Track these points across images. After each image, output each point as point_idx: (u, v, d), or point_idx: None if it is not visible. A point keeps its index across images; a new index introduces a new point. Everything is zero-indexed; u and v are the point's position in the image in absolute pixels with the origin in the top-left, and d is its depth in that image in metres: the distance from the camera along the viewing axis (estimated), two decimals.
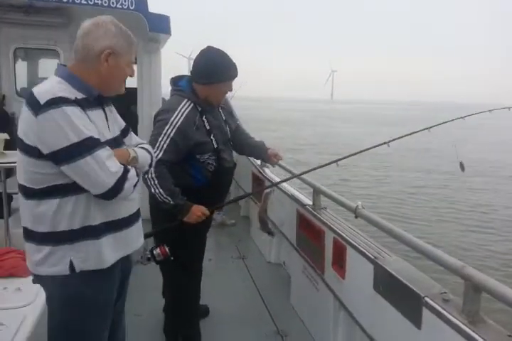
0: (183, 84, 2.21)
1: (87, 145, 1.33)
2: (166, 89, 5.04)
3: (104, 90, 1.47)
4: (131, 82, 5.76)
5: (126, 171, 1.41)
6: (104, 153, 1.37)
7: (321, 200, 2.68)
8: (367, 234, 2.18)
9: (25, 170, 1.38)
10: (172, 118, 2.08)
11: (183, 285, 2.30)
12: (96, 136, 1.36)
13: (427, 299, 1.53)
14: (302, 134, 22.40)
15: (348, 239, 2.14)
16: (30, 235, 1.43)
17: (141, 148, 1.59)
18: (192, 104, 2.14)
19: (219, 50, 2.16)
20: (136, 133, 4.81)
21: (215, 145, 2.19)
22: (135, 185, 1.45)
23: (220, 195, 2.39)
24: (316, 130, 25.10)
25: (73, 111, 1.32)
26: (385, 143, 2.59)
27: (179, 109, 2.11)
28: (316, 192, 2.67)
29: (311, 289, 2.64)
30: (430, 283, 1.65)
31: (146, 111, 4.64)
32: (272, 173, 3.78)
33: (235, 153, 2.50)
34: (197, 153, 2.16)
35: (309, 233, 2.68)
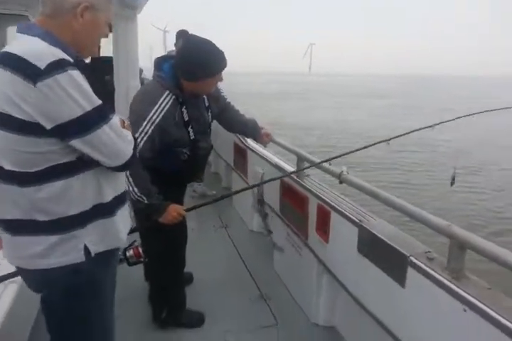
0: (166, 69, 2.02)
1: (102, 113, 1.18)
2: (141, 62, 4.91)
3: (77, 51, 1.28)
4: (106, 52, 5.55)
5: (134, 138, 1.32)
6: (116, 120, 1.24)
7: (304, 166, 2.68)
8: (351, 198, 2.20)
9: (13, 151, 1.15)
10: (151, 115, 1.92)
11: (168, 249, 2.28)
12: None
13: (411, 258, 1.57)
14: (280, 108, 22.24)
15: (333, 204, 2.16)
16: (22, 227, 1.23)
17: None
18: (173, 97, 1.98)
19: (202, 40, 1.95)
20: (112, 103, 4.67)
21: (192, 137, 2.10)
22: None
23: (191, 176, 2.36)
24: (292, 104, 24.95)
25: (79, 76, 1.14)
26: (384, 140, 2.54)
27: (159, 103, 1.95)
28: (300, 159, 2.67)
29: (295, 255, 2.69)
30: (415, 244, 1.69)
31: (122, 81, 4.48)
32: (253, 142, 3.75)
33: (215, 122, 2.44)
34: (172, 147, 2.06)
35: (293, 200, 2.69)
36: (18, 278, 1.99)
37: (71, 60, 1.14)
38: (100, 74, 5.05)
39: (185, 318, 2.39)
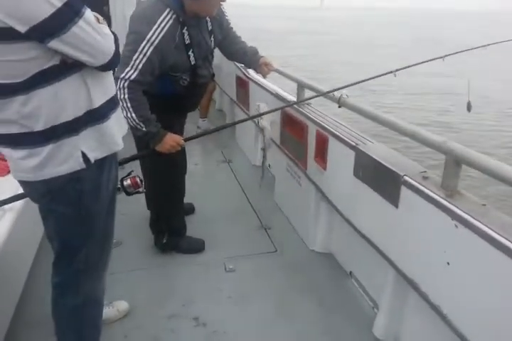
0: None
1: (74, 7, 1.09)
2: None
3: None
4: None
5: (112, 32, 1.24)
6: (90, 13, 1.14)
7: (305, 95, 2.59)
8: (350, 123, 2.13)
9: None
10: (150, 35, 1.80)
11: (168, 177, 2.28)
12: None
13: (406, 177, 1.53)
14: (290, 43, 21.25)
15: (331, 129, 2.09)
16: (17, 141, 1.22)
17: None
18: (174, 16, 1.85)
19: None
20: None
21: (192, 63, 1.98)
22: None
23: (191, 104, 2.28)
24: (306, 37, 23.74)
25: None
26: (391, 72, 2.36)
27: (158, 22, 1.81)
28: (300, 87, 2.56)
29: (295, 185, 2.67)
30: (411, 164, 1.64)
31: (119, 12, 4.28)
32: (256, 74, 3.60)
33: (218, 56, 2.30)
34: (171, 71, 1.96)
35: (293, 130, 2.63)
36: (18, 204, 2.03)
37: None
38: (98, 4, 4.83)
39: (186, 244, 2.44)
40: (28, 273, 2.10)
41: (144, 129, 1.92)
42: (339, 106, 2.05)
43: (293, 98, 2.70)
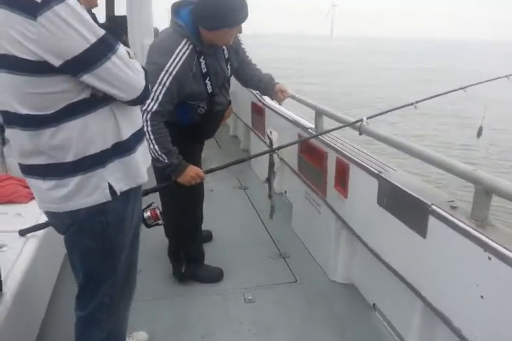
0: (185, 16, 1.90)
1: (108, 43, 1.12)
2: (159, 24, 4.77)
3: None
4: (120, 10, 5.42)
5: (144, 68, 1.25)
6: (123, 49, 1.17)
7: (323, 122, 2.59)
8: (371, 151, 2.12)
9: (26, 94, 1.12)
10: (168, 65, 1.83)
11: (186, 205, 2.28)
12: None
13: (433, 207, 1.50)
14: (304, 72, 21.61)
15: (351, 156, 2.08)
16: (46, 171, 1.22)
17: None
18: (191, 46, 1.88)
19: None
20: None
21: (209, 91, 2.02)
22: None
23: (207, 133, 2.30)
24: (318, 67, 24.16)
25: (77, 5, 1.06)
26: (411, 104, 2.40)
27: (176, 52, 1.85)
28: (319, 114, 2.57)
29: (313, 213, 2.64)
30: (437, 193, 1.61)
31: (137, 40, 4.40)
32: (272, 101, 3.64)
33: (233, 83, 2.32)
34: (189, 100, 1.99)
35: (311, 157, 2.62)
36: (40, 232, 2.03)
37: None
38: (117, 34, 4.96)
39: (204, 273, 2.40)
40: (48, 303, 2.08)
41: (166, 161, 1.93)
42: (360, 134, 2.05)
43: (310, 124, 2.71)
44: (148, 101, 1.85)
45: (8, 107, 1.15)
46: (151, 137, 1.88)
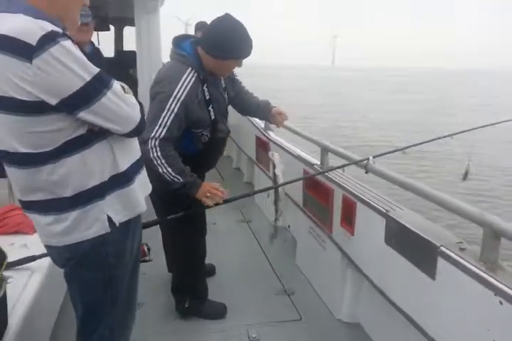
0: (187, 47, 2.00)
1: (103, 80, 1.16)
2: (163, 57, 4.92)
3: (61, 22, 1.20)
4: (129, 45, 5.59)
5: (139, 102, 1.30)
6: (117, 84, 1.22)
7: (328, 159, 2.64)
8: (378, 189, 2.14)
9: (25, 133, 1.14)
10: (176, 92, 1.90)
11: (189, 240, 2.28)
12: None
13: (442, 248, 1.51)
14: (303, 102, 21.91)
15: (358, 194, 2.10)
16: (45, 207, 1.24)
17: None
18: (196, 74, 1.97)
19: (238, 21, 1.93)
20: (136, 97, 4.70)
21: (212, 117, 2.09)
22: None
23: (209, 163, 2.35)
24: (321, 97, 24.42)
25: (71, 45, 1.11)
26: (449, 135, 2.48)
27: (183, 80, 1.93)
28: (324, 150, 2.61)
29: (318, 249, 2.64)
30: (445, 234, 1.62)
31: (146, 75, 4.50)
32: (276, 136, 3.71)
33: (236, 117, 2.38)
34: (193, 128, 2.05)
35: (317, 193, 2.64)
36: (45, 264, 2.02)
37: (60, 31, 1.11)
38: (124, 67, 5.10)
39: (208, 309, 2.37)
40: (50, 335, 2.04)
41: (181, 181, 1.96)
42: (366, 172, 2.08)
43: (316, 161, 2.75)
44: (156, 128, 1.91)
45: (7, 147, 1.17)
46: (162, 161, 1.92)
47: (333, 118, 16.60)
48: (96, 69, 1.15)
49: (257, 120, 4.31)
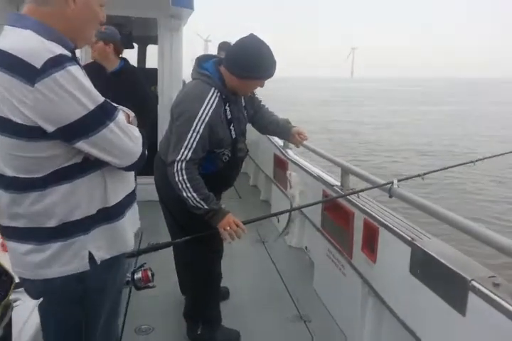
0: (210, 67, 1.98)
1: (107, 110, 1.10)
2: (185, 71, 4.95)
3: (73, 41, 1.15)
4: (151, 63, 5.64)
5: (142, 134, 1.22)
6: (122, 116, 1.16)
7: (349, 181, 2.55)
8: (403, 215, 2.04)
9: (15, 157, 1.08)
10: (200, 113, 1.87)
11: (204, 262, 2.20)
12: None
13: (474, 283, 1.40)
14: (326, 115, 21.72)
15: (381, 220, 2.00)
16: (24, 235, 1.15)
17: None
18: (219, 94, 1.94)
19: (263, 42, 1.89)
20: (156, 114, 4.68)
21: (233, 137, 2.06)
22: None
23: (228, 182, 2.29)
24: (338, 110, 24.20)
25: (78, 71, 1.05)
26: (471, 161, 2.43)
27: (207, 100, 1.90)
28: (345, 172, 2.53)
29: (337, 274, 2.52)
30: (476, 266, 1.51)
31: (166, 93, 4.54)
32: (295, 155, 3.64)
33: (255, 134, 2.34)
34: (215, 148, 2.01)
35: (336, 215, 2.55)
36: None
37: (69, 55, 1.05)
38: (148, 84, 5.13)
39: (221, 337, 2.27)
40: None
41: (205, 207, 1.90)
42: (390, 196, 1.99)
43: (336, 182, 2.66)
44: (182, 150, 1.86)
45: (2, 167, 1.11)
46: (188, 185, 1.87)
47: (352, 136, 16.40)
48: (101, 99, 1.10)
49: (275, 138, 4.26)
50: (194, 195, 1.88)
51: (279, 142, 4.04)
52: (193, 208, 1.91)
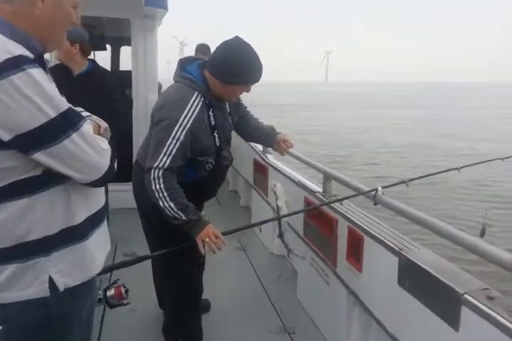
0: (194, 71, 1.87)
1: (70, 119, 0.99)
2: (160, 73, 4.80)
3: (42, 43, 1.06)
4: (125, 65, 5.48)
5: (111, 146, 1.11)
6: (88, 126, 1.05)
7: (331, 187, 2.48)
8: (388, 223, 1.97)
9: None
10: (182, 119, 1.76)
11: (184, 275, 2.10)
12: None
13: (466, 296, 1.33)
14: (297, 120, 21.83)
15: (366, 228, 1.93)
16: None
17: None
18: (202, 99, 1.84)
19: (249, 45, 1.80)
20: (130, 118, 4.52)
21: (217, 144, 1.96)
22: None
23: (211, 192, 2.19)
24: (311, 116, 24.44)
25: (40, 75, 0.96)
26: (456, 168, 2.40)
27: (189, 106, 1.79)
28: (327, 178, 2.46)
29: (321, 283, 2.45)
30: (469, 279, 1.44)
31: (141, 95, 4.40)
32: (275, 159, 3.56)
33: (233, 139, 2.24)
34: (199, 156, 1.92)
35: (319, 222, 2.47)
36: None
37: (30, 56, 0.96)
38: (120, 87, 4.98)
39: None
40: None
41: (183, 218, 1.79)
42: (374, 204, 1.92)
43: (317, 188, 2.59)
44: (160, 157, 1.76)
45: None
46: (164, 194, 1.77)
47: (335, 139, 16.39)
48: (65, 106, 1.00)
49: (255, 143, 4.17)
50: (171, 204, 1.77)
51: (259, 147, 3.96)
52: (170, 218, 1.80)
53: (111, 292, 1.53)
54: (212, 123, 1.91)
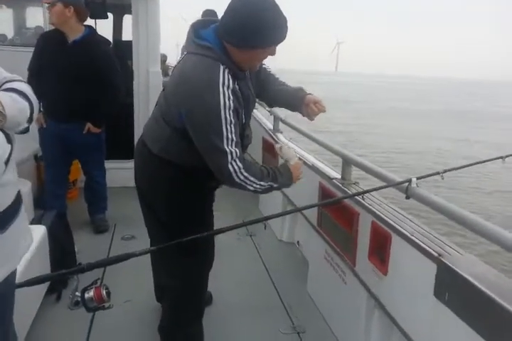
0: (210, 37, 1.55)
1: None
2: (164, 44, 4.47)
3: None
4: (126, 35, 5.13)
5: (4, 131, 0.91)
6: None
7: (351, 173, 2.20)
8: (421, 220, 1.70)
9: None
10: (222, 102, 1.49)
11: (190, 273, 1.86)
12: None
13: None
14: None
15: (395, 225, 1.66)
16: None
17: (9, 92, 1.00)
18: (227, 70, 1.53)
19: None
20: (131, 90, 4.21)
21: (244, 121, 1.67)
22: (7, 160, 0.93)
23: None
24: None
25: None
26: (500, 157, 2.17)
27: (221, 82, 1.50)
28: (346, 162, 2.18)
29: (336, 281, 2.20)
30: None
31: (142, 67, 4.08)
32: (286, 139, 3.26)
33: None
34: None
35: (336, 214, 2.20)
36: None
37: None
38: (122, 58, 4.67)
39: None
40: None
41: (275, 185, 1.71)
42: (407, 197, 1.64)
43: (336, 174, 2.31)
44: (226, 150, 1.52)
45: None
46: (251, 179, 1.62)
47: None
48: None
49: (264, 120, 3.87)
50: (261, 183, 1.65)
51: (269, 124, 3.66)
52: (267, 191, 1.73)
53: (89, 294, 1.34)
54: (240, 98, 1.60)
